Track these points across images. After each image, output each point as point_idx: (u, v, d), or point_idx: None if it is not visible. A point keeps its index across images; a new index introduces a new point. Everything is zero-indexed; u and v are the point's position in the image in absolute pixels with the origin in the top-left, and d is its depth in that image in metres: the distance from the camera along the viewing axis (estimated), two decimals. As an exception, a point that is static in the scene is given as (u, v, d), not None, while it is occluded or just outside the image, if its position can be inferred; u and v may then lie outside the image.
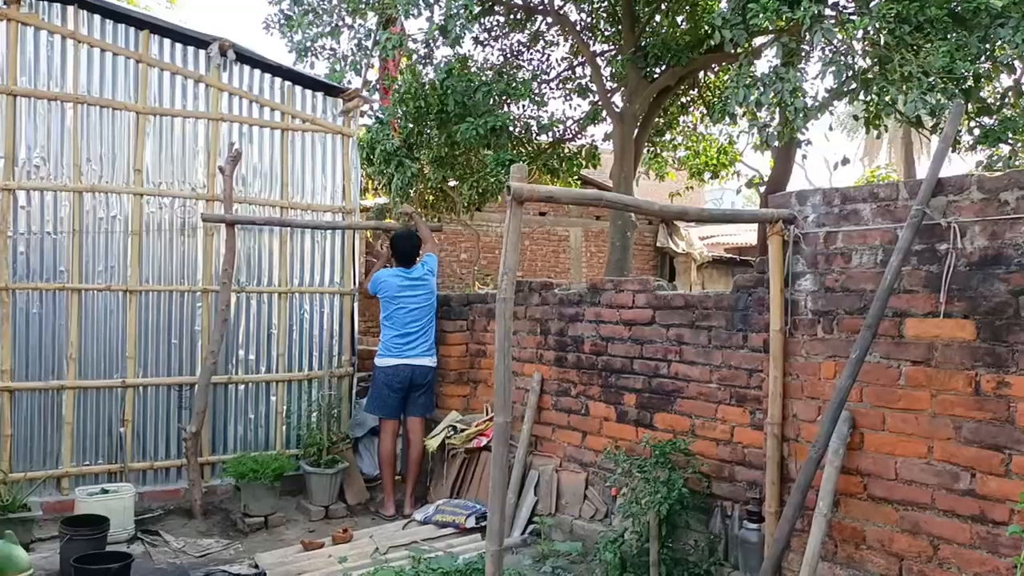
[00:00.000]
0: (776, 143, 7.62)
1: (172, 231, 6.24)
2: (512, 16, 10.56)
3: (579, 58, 11.18)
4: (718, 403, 4.67)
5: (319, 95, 6.84)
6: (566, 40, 11.19)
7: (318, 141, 6.83)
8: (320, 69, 9.32)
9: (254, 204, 6.54)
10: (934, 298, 3.67)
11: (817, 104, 7.52)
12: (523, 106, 10.16)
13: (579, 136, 11.55)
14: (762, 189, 12.04)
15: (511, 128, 9.25)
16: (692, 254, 17.82)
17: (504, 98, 9.28)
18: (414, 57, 9.48)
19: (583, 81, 11.26)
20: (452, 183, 10.19)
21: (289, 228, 6.62)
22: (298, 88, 6.77)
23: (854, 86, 7.38)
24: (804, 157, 11.11)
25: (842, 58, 7.26)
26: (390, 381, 6.20)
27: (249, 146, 6.55)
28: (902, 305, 3.78)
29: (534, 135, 10.28)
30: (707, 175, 13.43)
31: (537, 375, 5.84)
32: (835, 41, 7.16)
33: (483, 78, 9.02)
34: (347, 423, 6.79)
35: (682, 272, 17.95)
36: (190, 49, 6.34)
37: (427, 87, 9.14)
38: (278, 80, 6.69)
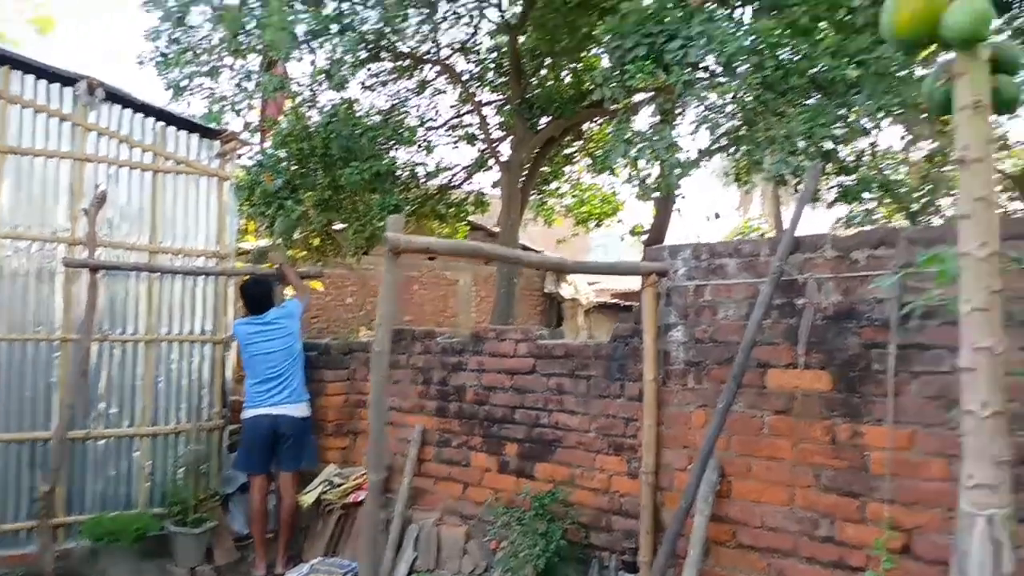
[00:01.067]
0: (654, 195, 7.90)
1: (28, 276, 5.88)
2: (399, 64, 10.63)
3: (467, 106, 11.34)
4: (597, 452, 4.73)
5: (194, 136, 6.66)
6: (454, 89, 11.34)
7: (192, 184, 6.62)
8: (198, 108, 9.07)
9: (121, 248, 6.26)
10: (794, 350, 3.86)
11: (691, 160, 7.87)
12: (410, 151, 10.20)
13: (467, 182, 11.66)
14: (644, 237, 12.46)
15: (397, 173, 9.24)
16: (579, 299, 18.18)
17: (390, 143, 9.29)
18: (298, 99, 9.38)
19: (471, 129, 11.41)
20: (338, 226, 10.05)
21: (158, 274, 6.36)
22: (171, 129, 6.57)
23: (725, 144, 7.77)
24: (678, 211, 11.57)
25: (714, 118, 7.66)
26: (253, 433, 5.98)
27: (117, 188, 6.28)
28: (765, 357, 3.96)
29: (421, 181, 10.30)
30: (592, 223, 13.80)
31: (419, 426, 5.77)
32: (706, 103, 7.55)
33: (369, 123, 9.01)
34: (217, 479, 6.50)
35: (569, 317, 18.26)
36: (55, 86, 6.06)
37: (311, 130, 9.04)
38: (150, 120, 6.48)
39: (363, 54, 8.73)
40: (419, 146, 9.78)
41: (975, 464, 2.07)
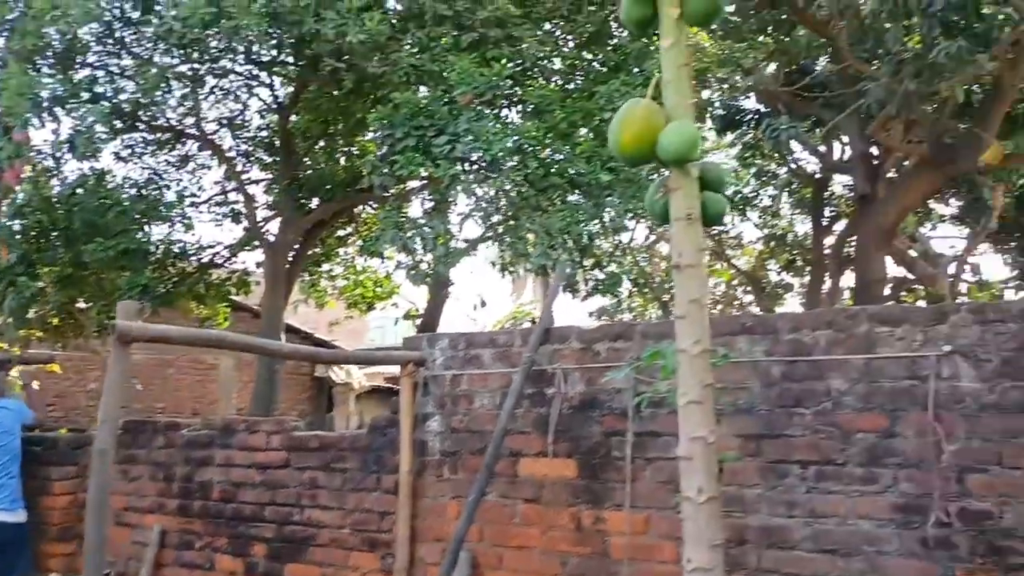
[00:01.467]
0: (422, 283, 8.00)
1: None
2: (159, 136, 10.12)
3: (232, 183, 10.96)
4: (351, 549, 4.56)
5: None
6: (220, 165, 10.94)
7: None
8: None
9: None
10: (544, 439, 3.98)
11: (460, 249, 8.09)
12: (168, 228, 9.65)
13: (230, 262, 11.18)
14: (418, 321, 12.53)
15: (151, 250, 8.68)
16: (351, 383, 17.80)
17: (145, 219, 8.74)
18: (38, 167, 8.61)
19: (236, 206, 11.01)
20: (82, 305, 9.22)
21: None
22: None
23: (491, 235, 8.07)
24: (453, 296, 11.81)
25: (483, 209, 7.96)
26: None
27: None
28: (518, 445, 4.05)
29: (178, 259, 9.75)
30: (365, 306, 13.68)
31: (157, 527, 5.29)
32: (473, 197, 7.85)
33: (120, 196, 8.44)
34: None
35: (341, 403, 17.79)
36: None
37: (54, 201, 8.32)
38: None
39: (118, 124, 8.22)
40: (178, 222, 9.26)
41: (693, 548, 2.17)
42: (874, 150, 9.61)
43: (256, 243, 10.51)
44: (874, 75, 7.48)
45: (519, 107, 8.29)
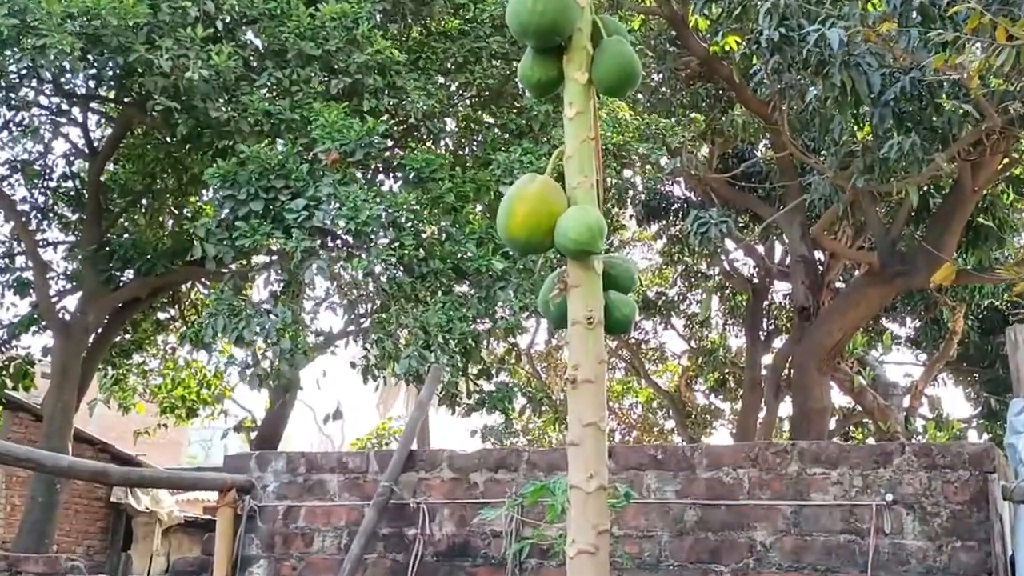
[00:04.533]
0: (262, 386, 7.81)
1: None
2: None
3: (20, 245, 10.59)
4: None
5: None
6: (6, 220, 10.59)
7: None
8: None
9: None
10: (399, 595, 3.88)
11: (315, 344, 8.00)
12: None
13: (9, 346, 10.73)
14: (254, 435, 12.17)
15: None
16: (159, 513, 16.98)
17: None
18: None
19: (23, 274, 10.61)
20: None
21: None
22: None
23: (354, 329, 8.02)
24: (292, 405, 11.57)
25: (345, 295, 7.92)
26: None
27: None
28: (365, 603, 3.93)
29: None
30: (185, 412, 13.23)
31: None
32: (333, 280, 7.80)
33: None
34: None
35: (143, 537, 16.91)
36: None
37: None
38: None
39: None
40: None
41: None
42: (819, 254, 10.05)
43: (45, 323, 10.11)
44: (819, 167, 7.96)
45: (398, 172, 8.37)
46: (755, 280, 12.11)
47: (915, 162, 6.82)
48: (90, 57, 7.52)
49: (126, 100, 8.56)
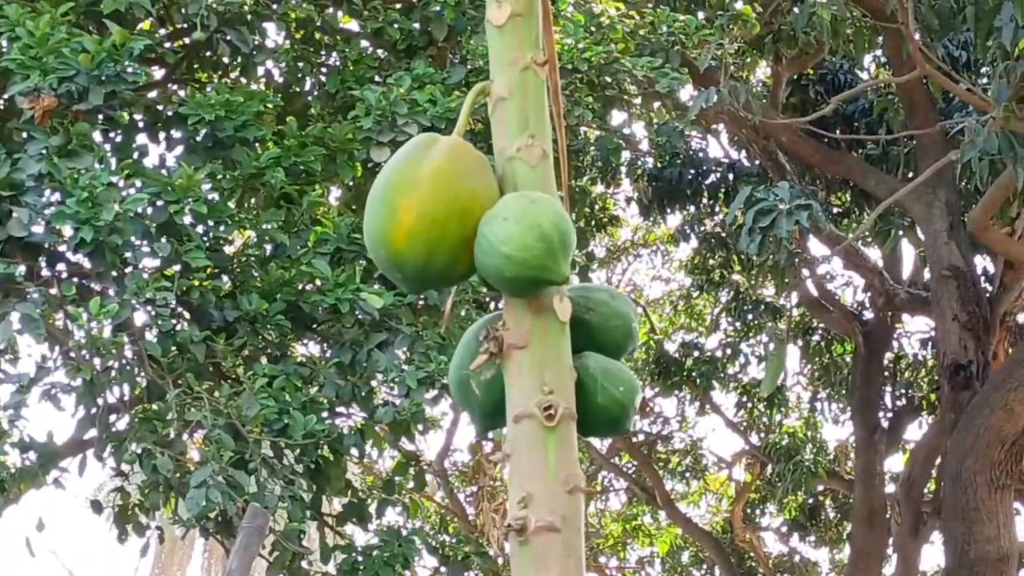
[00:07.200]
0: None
1: None
2: None
3: None
4: None
5: None
6: None
7: None
8: None
9: None
10: None
11: (15, 471, 7.18)
12: None
13: None
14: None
15: None
16: None
17: None
18: None
19: None
20: None
21: None
22: None
23: (94, 436, 7.36)
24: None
25: (81, 374, 7.10)
26: None
27: None
28: None
29: None
30: None
31: None
32: (50, 344, 7.25)
33: None
34: None
35: None
36: None
37: None
38: None
39: None
40: None
41: None
42: (982, 262, 8.75)
43: None
44: (977, 102, 7.34)
45: (176, 131, 7.49)
46: (867, 316, 10.37)
47: None
48: None
49: None
